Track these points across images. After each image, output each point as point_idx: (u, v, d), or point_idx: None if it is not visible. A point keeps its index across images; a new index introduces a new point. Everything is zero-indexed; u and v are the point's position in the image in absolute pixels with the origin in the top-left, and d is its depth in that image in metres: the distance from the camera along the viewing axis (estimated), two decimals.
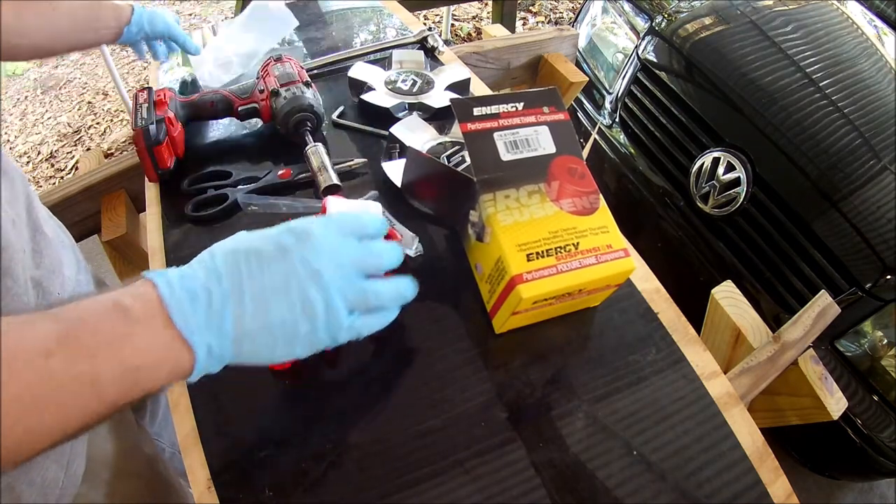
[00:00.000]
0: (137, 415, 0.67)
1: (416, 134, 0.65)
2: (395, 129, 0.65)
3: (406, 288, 0.38)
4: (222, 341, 0.30)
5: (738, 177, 1.03)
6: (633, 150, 1.25)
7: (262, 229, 0.35)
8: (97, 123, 2.19)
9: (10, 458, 0.25)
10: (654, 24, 1.27)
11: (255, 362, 0.33)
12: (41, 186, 1.92)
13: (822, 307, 0.70)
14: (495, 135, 0.48)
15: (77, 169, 1.66)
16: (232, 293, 0.31)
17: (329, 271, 0.33)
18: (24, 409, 0.24)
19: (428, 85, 0.74)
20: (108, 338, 0.27)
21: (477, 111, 0.48)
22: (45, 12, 0.56)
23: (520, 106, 0.50)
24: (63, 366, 0.25)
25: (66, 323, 0.27)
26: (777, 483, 0.44)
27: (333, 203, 0.47)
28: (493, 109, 0.49)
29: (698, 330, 0.56)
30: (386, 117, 0.69)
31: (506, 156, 0.48)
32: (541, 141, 0.49)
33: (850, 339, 0.98)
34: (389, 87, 0.73)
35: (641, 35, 1.29)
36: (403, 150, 0.64)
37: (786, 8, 1.25)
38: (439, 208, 0.56)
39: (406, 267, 0.54)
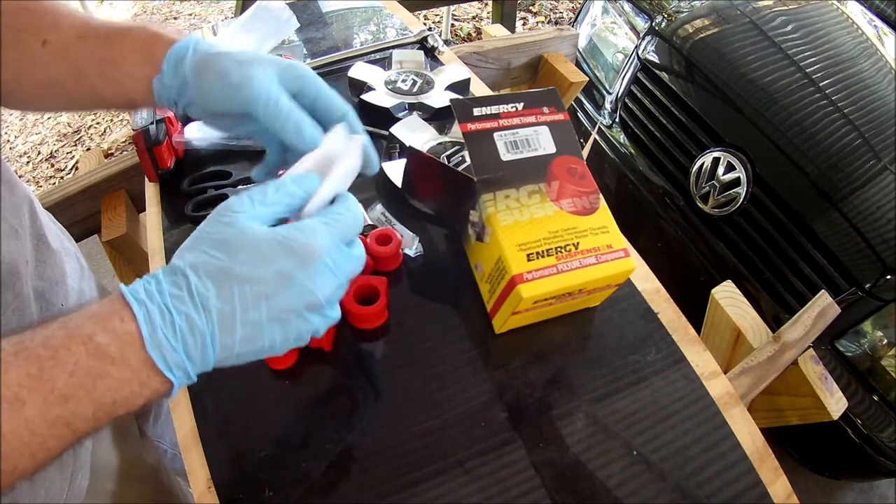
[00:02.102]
0: (141, 420, 0.67)
1: (416, 134, 0.65)
2: (395, 129, 0.65)
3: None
4: (204, 367, 0.30)
5: (738, 177, 1.04)
6: (633, 150, 1.25)
7: (255, 230, 0.30)
8: (97, 123, 2.19)
9: None
10: (654, 24, 1.27)
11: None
12: (41, 186, 1.92)
13: (822, 307, 0.70)
14: (495, 135, 0.48)
15: (77, 169, 1.66)
16: (221, 327, 0.29)
17: (328, 294, 0.32)
18: (3, 457, 0.25)
19: (428, 85, 0.74)
20: (81, 379, 0.26)
21: (477, 111, 0.48)
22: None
23: (520, 106, 0.50)
24: (38, 412, 0.25)
25: (38, 363, 0.26)
26: (777, 483, 0.44)
27: (330, 139, 0.38)
28: (493, 110, 0.49)
29: (698, 330, 0.56)
30: (386, 117, 0.69)
31: (506, 156, 0.48)
32: (541, 141, 0.49)
33: (850, 339, 0.98)
34: (389, 87, 0.73)
35: (641, 35, 1.29)
36: (403, 150, 0.64)
37: (786, 8, 1.26)
38: (439, 208, 0.56)
39: (406, 267, 0.54)
